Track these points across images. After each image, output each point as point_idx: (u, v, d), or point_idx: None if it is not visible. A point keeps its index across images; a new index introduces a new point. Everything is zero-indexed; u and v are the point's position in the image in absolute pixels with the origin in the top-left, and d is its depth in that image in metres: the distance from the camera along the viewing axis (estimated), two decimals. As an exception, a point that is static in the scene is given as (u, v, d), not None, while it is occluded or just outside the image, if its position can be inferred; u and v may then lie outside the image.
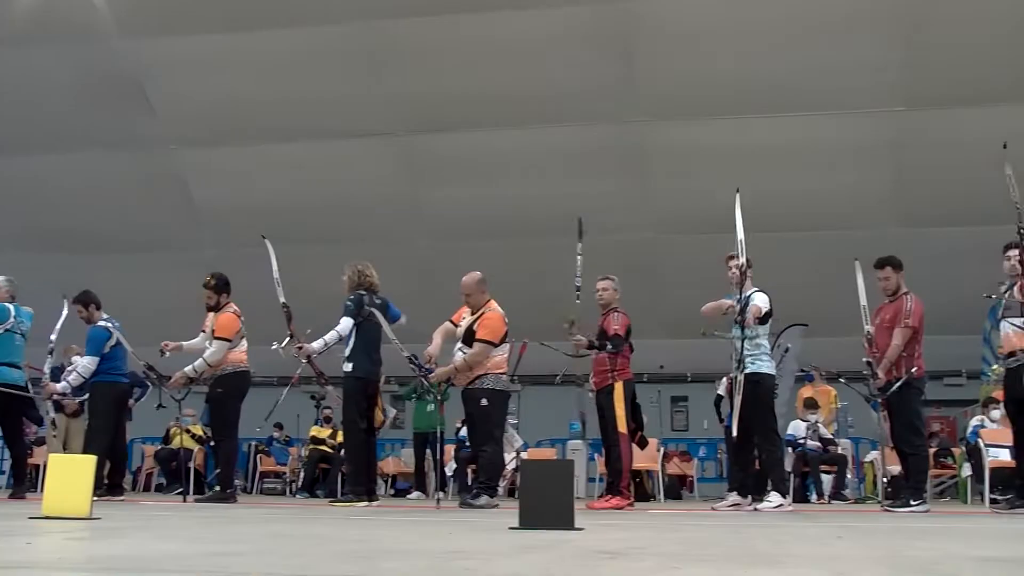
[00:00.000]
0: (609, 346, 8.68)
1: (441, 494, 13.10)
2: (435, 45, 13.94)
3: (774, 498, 8.48)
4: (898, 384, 8.25)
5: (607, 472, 9.16)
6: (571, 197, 14.99)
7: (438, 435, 11.60)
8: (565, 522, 4.60)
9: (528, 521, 4.62)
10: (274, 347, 8.76)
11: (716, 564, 3.26)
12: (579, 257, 8.90)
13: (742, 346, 8.41)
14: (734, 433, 8.67)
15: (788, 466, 11.45)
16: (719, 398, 12.17)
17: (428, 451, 13.49)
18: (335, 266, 9.76)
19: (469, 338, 8.50)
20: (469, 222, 15.63)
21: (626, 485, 8.85)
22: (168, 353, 9.31)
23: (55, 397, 10.07)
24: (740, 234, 8.45)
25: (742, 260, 8.43)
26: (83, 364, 9.59)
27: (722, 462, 15.49)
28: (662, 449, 14.08)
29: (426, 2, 13.55)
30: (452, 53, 14.02)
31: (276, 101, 14.73)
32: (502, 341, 8.56)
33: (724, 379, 10.19)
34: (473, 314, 8.60)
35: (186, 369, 9.18)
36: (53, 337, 9.82)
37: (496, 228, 15.51)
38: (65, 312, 9.95)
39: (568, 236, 13.85)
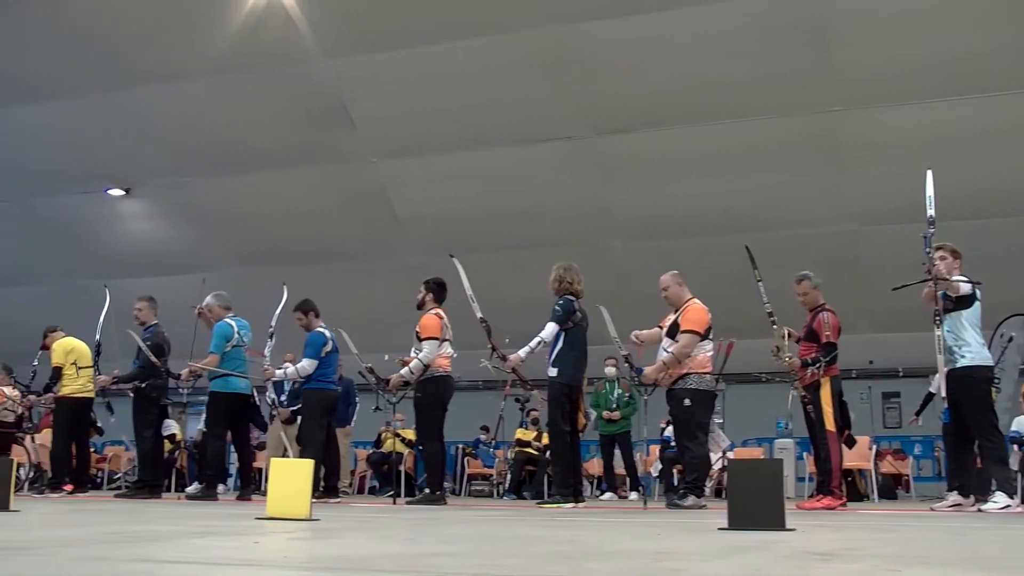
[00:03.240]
0: (822, 361, 8.47)
1: (612, 495, 13.10)
2: (620, 46, 13.87)
3: (1000, 499, 8.02)
4: None
5: (817, 471, 8.92)
6: (767, 191, 14.74)
7: (627, 435, 11.64)
8: (775, 522, 4.51)
9: (737, 521, 4.55)
10: (483, 364, 8.94)
11: (938, 567, 3.12)
12: (759, 283, 8.70)
13: (943, 337, 8.01)
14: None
15: (1014, 465, 10.84)
16: (930, 396, 11.72)
17: (617, 451, 13.50)
18: (531, 271, 9.89)
19: (674, 332, 8.48)
20: (662, 222, 15.51)
21: (837, 484, 8.59)
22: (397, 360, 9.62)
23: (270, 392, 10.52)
24: (931, 211, 7.97)
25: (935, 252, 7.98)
26: (302, 365, 9.90)
27: (940, 460, 14.84)
28: (874, 447, 13.63)
29: (609, 3, 13.52)
30: (637, 53, 13.92)
31: (467, 110, 15.02)
32: (707, 333, 8.48)
33: (936, 375, 9.76)
34: (675, 312, 8.59)
35: (402, 372, 9.43)
36: (273, 323, 10.24)
37: (691, 226, 15.33)
38: (285, 298, 10.37)
39: (766, 230, 13.62)
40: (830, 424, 8.51)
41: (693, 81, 13.96)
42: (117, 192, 18.34)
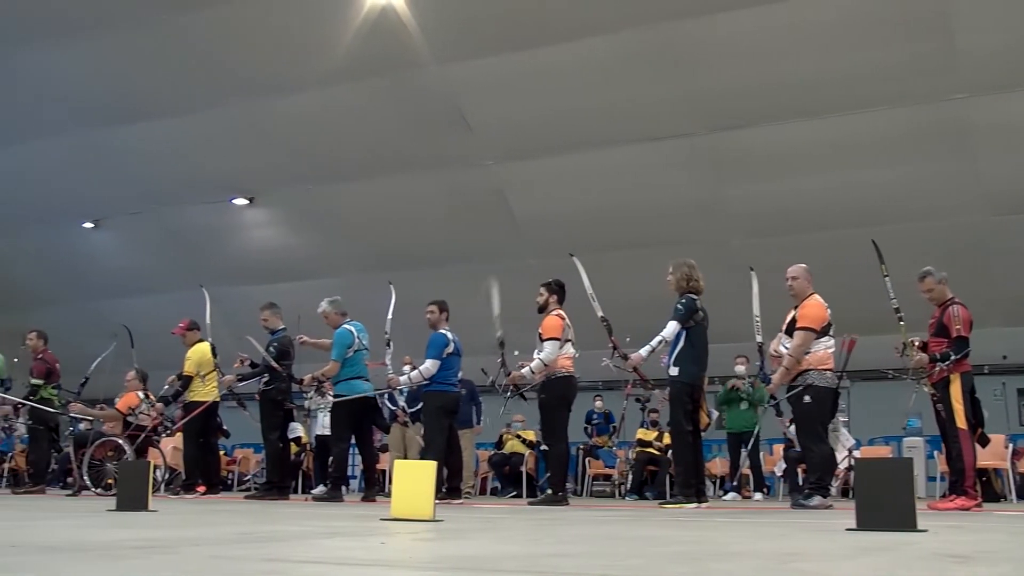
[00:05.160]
0: (953, 356, 8.22)
1: (736, 495, 12.90)
2: (733, 41, 13.65)
3: None
4: None
5: (949, 470, 8.66)
6: (890, 183, 14.36)
7: (754, 435, 11.52)
8: (907, 523, 4.40)
9: (866, 522, 4.45)
10: (604, 363, 8.93)
11: (1082, 569, 3.00)
12: (886, 279, 8.48)
13: None
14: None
15: None
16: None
17: (744, 451, 13.27)
18: (649, 270, 9.82)
19: (792, 329, 8.37)
20: (780, 217, 15.24)
21: (971, 484, 8.32)
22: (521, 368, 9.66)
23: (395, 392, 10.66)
24: None
25: None
26: (425, 366, 9.90)
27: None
28: (1011, 446, 13.15)
29: (719, -1, 13.35)
30: (751, 47, 13.68)
31: (582, 110, 14.99)
32: (824, 331, 8.32)
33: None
34: (795, 308, 8.47)
35: (523, 371, 9.47)
36: (387, 329, 10.37)
37: (810, 221, 15.03)
38: (393, 299, 10.53)
39: (890, 223, 13.27)
40: (961, 422, 8.25)
41: (809, 73, 13.66)
42: (241, 201, 18.87)
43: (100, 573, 2.73)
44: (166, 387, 11.73)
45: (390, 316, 10.39)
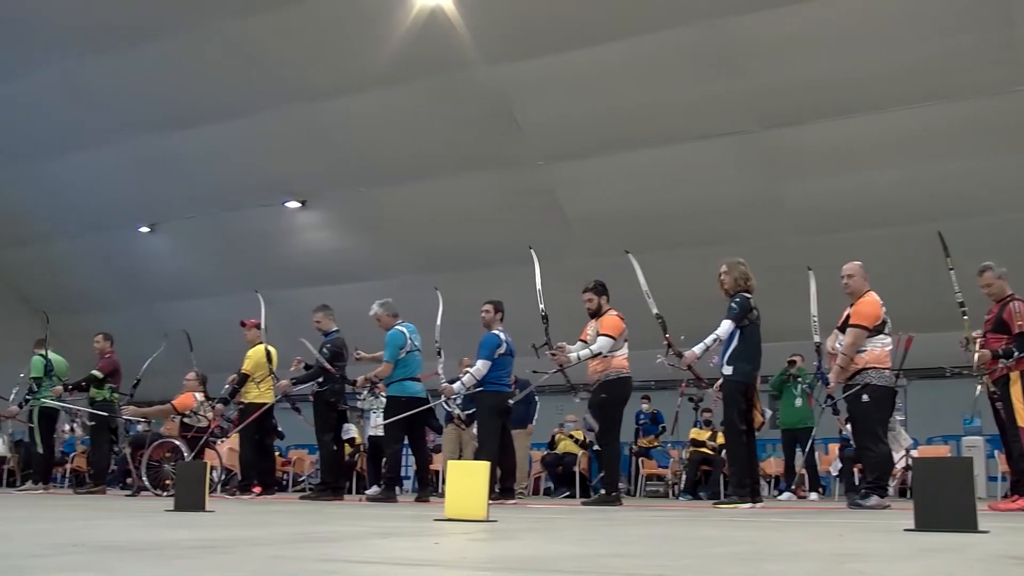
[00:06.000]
0: (1016, 352, 8.08)
1: (791, 495, 12.75)
2: (786, 36, 13.50)
3: None
4: None
5: (1010, 470, 8.52)
6: (949, 178, 14.11)
7: (811, 435, 11.38)
8: (967, 524, 4.33)
9: (925, 523, 4.39)
10: (659, 360, 8.90)
11: None
12: (951, 272, 8.35)
13: None
14: None
15: None
16: None
17: (798, 449, 13.12)
18: (703, 269, 9.74)
19: (846, 326, 8.29)
20: (837, 215, 15.03)
21: (1033, 484, 8.19)
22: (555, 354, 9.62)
23: (450, 400, 10.69)
24: None
25: None
26: (476, 367, 9.95)
27: None
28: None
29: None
30: (801, 43, 13.52)
31: (632, 109, 14.91)
32: (879, 328, 8.22)
33: None
34: (851, 304, 8.38)
35: (570, 355, 9.44)
36: (437, 336, 10.40)
37: (867, 218, 14.80)
38: (441, 305, 10.55)
39: (950, 219, 13.06)
40: (1022, 421, 8.11)
41: (864, 67, 13.48)
42: (294, 204, 19.02)
43: (159, 572, 2.77)
44: (226, 387, 11.87)
45: (439, 323, 10.40)
